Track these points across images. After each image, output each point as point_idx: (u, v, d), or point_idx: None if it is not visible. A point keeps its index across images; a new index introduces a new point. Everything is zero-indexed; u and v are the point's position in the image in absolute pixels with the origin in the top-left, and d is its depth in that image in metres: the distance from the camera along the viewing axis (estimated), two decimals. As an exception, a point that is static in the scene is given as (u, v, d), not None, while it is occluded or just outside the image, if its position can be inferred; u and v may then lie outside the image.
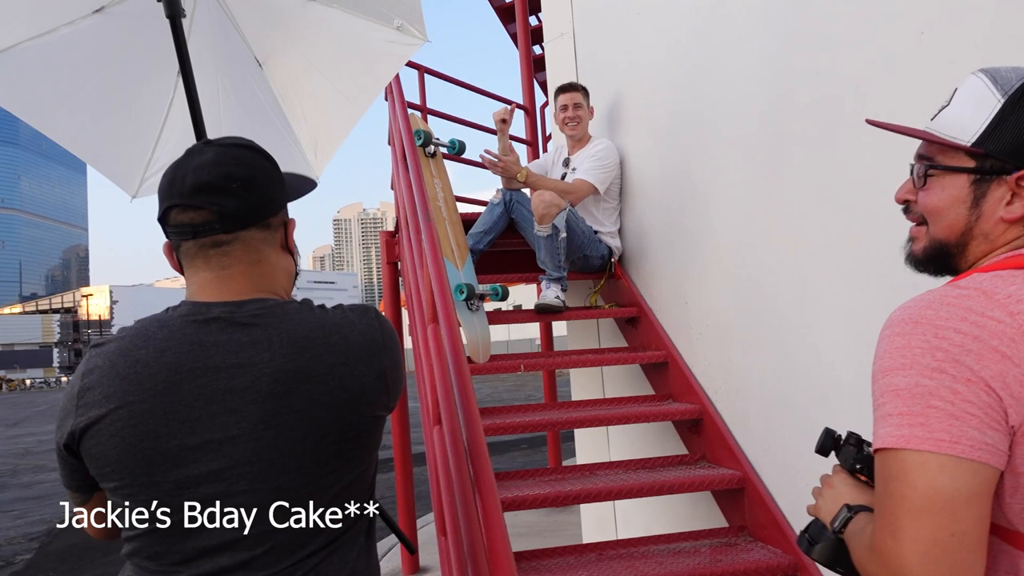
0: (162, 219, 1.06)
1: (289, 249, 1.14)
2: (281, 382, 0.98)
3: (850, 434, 0.98)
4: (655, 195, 3.41)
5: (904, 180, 1.00)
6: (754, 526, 2.54)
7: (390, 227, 4.66)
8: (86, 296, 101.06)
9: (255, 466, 0.97)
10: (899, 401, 0.74)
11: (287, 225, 1.14)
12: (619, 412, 2.83)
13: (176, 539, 0.97)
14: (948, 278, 0.92)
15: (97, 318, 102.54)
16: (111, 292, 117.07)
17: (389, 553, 5.05)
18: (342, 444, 1.02)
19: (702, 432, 2.86)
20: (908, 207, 1.00)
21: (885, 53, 2.02)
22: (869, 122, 1.08)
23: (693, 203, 3.04)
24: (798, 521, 2.36)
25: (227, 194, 1.03)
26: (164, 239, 1.09)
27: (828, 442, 1.00)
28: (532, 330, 28.31)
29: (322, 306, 1.10)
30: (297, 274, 1.19)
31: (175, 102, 2.71)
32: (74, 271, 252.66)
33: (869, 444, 0.93)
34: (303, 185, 1.25)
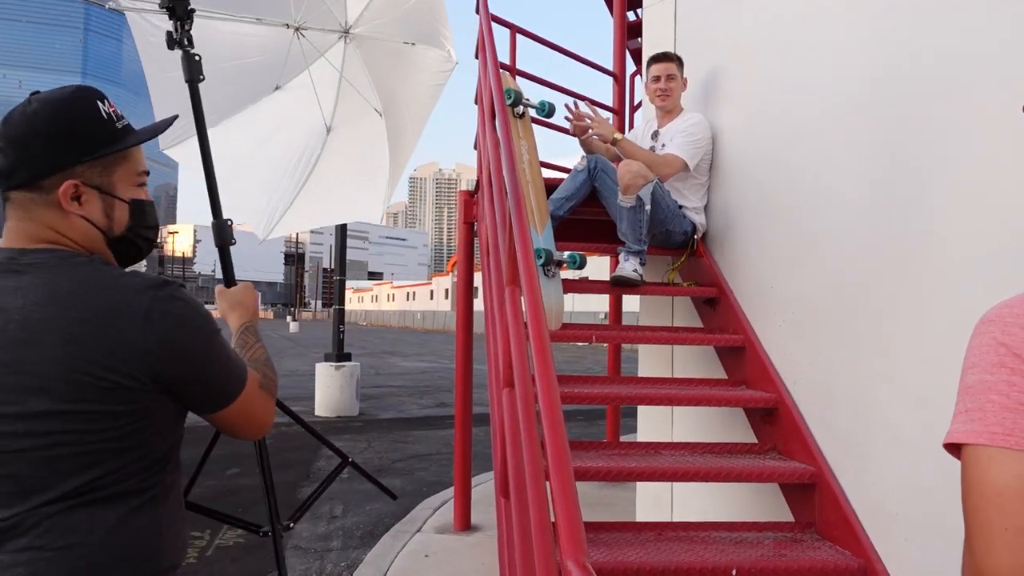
0: None
1: (80, 212, 1.11)
2: (25, 329, 1.01)
3: None
4: (748, 173, 3.27)
5: None
6: (823, 524, 2.44)
7: (464, 188, 4.66)
8: (172, 233, 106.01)
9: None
10: (965, 398, 0.75)
11: (65, 185, 1.09)
12: (691, 393, 2.76)
13: None
14: None
15: (181, 255, 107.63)
16: (195, 231, 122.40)
17: (442, 508, 5.15)
18: (81, 403, 1.01)
19: (775, 422, 2.76)
20: None
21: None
22: None
23: (790, 185, 2.90)
24: (873, 523, 2.25)
25: None
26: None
27: None
28: (596, 303, 28.10)
29: (120, 269, 1.11)
30: (110, 237, 1.16)
31: (249, 111, 3.06)
32: (163, 208, 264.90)
33: None
34: (153, 131, 1.25)
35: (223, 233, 1.80)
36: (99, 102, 1.15)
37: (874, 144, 2.40)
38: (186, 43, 1.78)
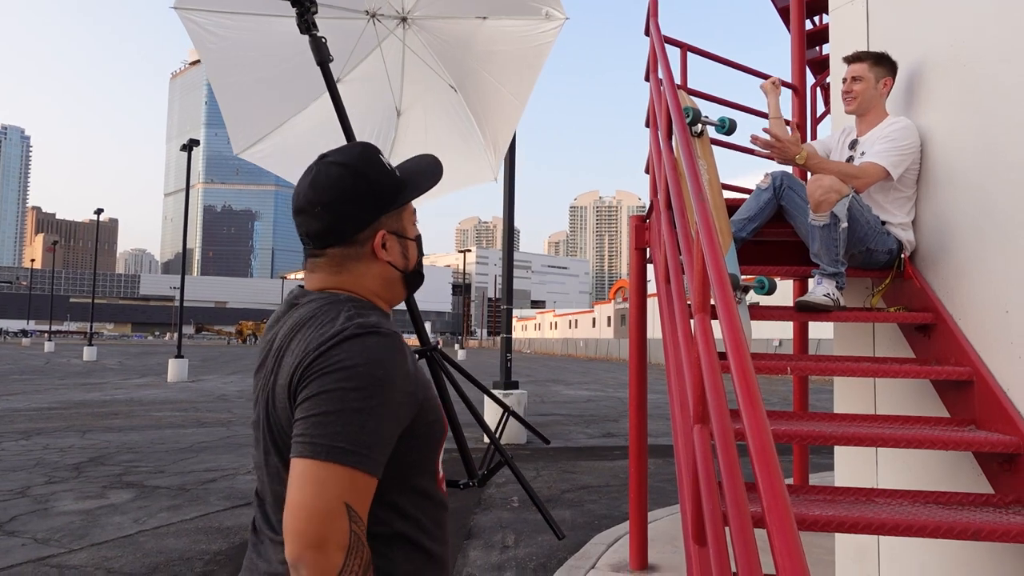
0: None
1: (388, 258, 1.19)
2: (273, 356, 1.12)
3: None
4: (966, 181, 2.87)
5: None
6: (1094, 599, 2.02)
7: (625, 216, 4.57)
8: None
9: (257, 425, 1.13)
10: None
11: (378, 237, 1.17)
12: (911, 433, 2.42)
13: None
14: None
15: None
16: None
17: (616, 544, 4.97)
18: (275, 429, 1.08)
19: (1018, 471, 2.35)
20: None
21: None
22: None
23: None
24: None
25: (312, 217, 1.16)
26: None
27: None
28: (770, 330, 26.39)
29: (349, 313, 1.09)
30: (407, 274, 1.23)
31: (318, 103, 3.13)
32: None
33: None
34: (433, 175, 1.27)
35: None
36: (381, 156, 1.22)
37: None
38: (311, 27, 1.87)
